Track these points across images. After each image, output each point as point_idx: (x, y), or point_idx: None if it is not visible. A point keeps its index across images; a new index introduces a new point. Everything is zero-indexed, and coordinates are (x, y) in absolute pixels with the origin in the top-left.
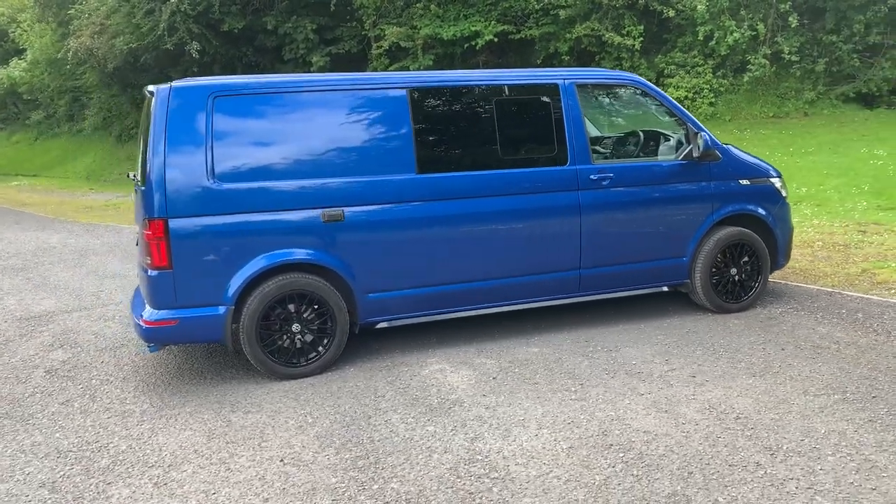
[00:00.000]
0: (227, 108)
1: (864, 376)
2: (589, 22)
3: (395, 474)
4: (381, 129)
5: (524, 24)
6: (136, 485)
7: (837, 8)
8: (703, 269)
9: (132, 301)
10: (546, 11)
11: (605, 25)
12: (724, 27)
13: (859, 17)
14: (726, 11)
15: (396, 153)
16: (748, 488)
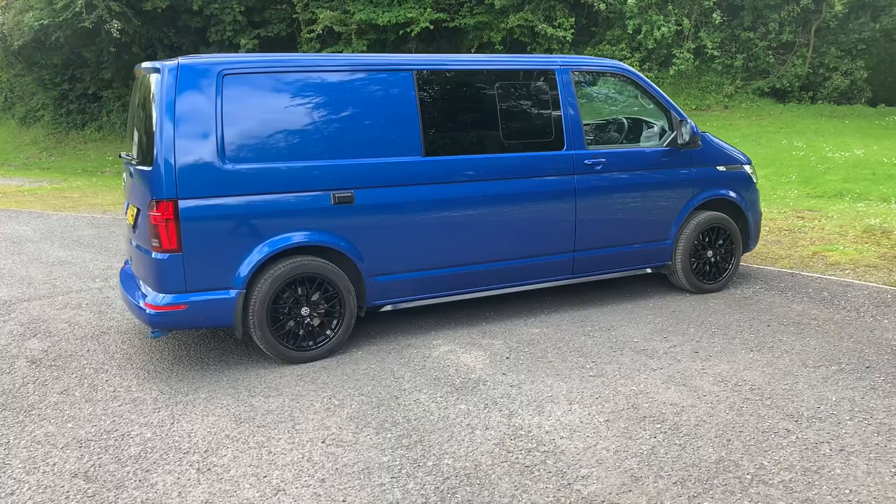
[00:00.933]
0: (237, 86)
1: (852, 349)
2: (522, 12)
3: (444, 451)
4: (389, 111)
5: (458, 12)
6: (178, 471)
7: (754, 6)
8: (684, 251)
9: (123, 285)
10: (480, 1)
11: (537, 16)
12: (652, 22)
13: (774, 15)
14: (654, 6)
15: (403, 135)
16: (787, 452)
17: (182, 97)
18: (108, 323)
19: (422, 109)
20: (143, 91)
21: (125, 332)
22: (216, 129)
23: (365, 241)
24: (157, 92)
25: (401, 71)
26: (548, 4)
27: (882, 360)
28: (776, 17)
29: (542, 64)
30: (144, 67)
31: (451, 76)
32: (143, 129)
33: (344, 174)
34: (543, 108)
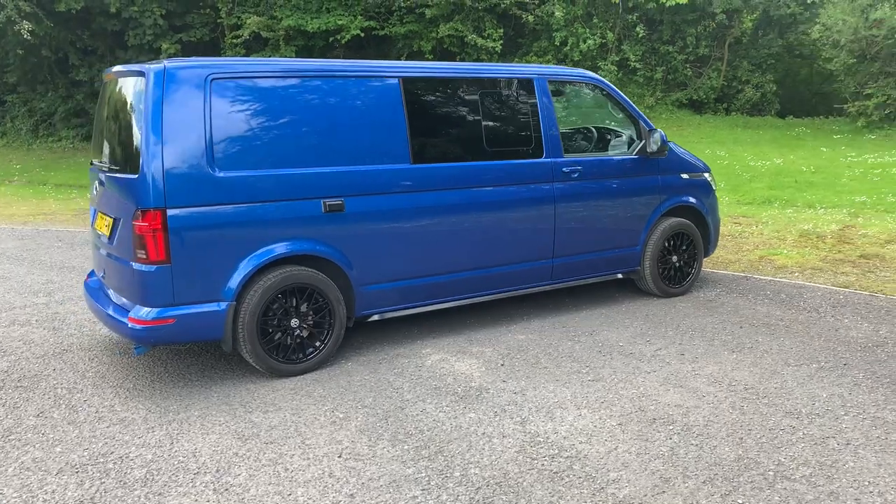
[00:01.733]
0: (225, 91)
1: (825, 348)
2: (452, 22)
3: (467, 461)
4: (377, 118)
5: (387, 20)
6: (194, 493)
7: (673, 21)
8: (652, 256)
9: (93, 299)
10: (411, 9)
11: (467, 27)
12: (578, 34)
13: (691, 30)
14: (579, 19)
15: (391, 142)
16: (799, 448)
17: (169, 102)
18: (68, 340)
19: (409, 116)
20: (120, 95)
21: (90, 349)
22: (205, 135)
23: (354, 249)
24: (141, 96)
25: (388, 78)
26: (477, 15)
27: (855, 357)
28: (693, 31)
29: (521, 73)
30: (120, 71)
31: (435, 84)
32: (121, 136)
33: (334, 182)
34: (523, 117)
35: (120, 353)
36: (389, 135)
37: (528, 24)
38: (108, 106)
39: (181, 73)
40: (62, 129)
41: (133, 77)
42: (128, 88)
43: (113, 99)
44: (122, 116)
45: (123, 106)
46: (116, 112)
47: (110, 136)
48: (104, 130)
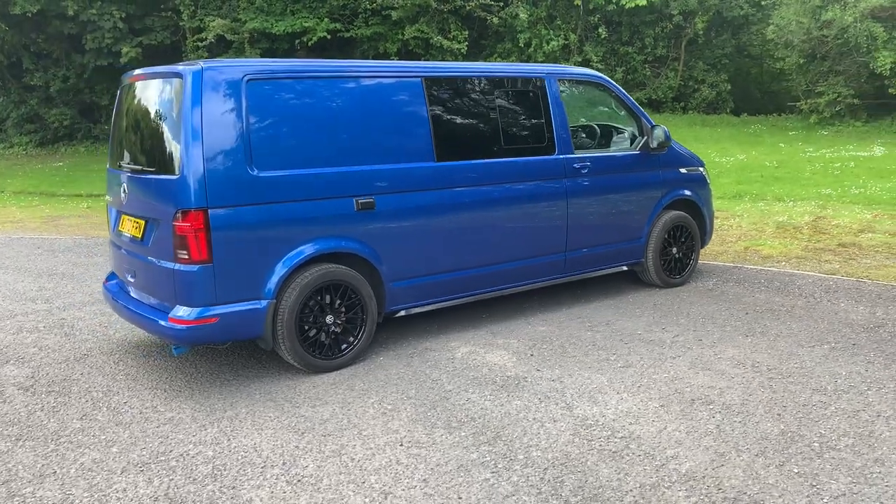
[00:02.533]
0: (261, 92)
1: (830, 330)
2: (418, 24)
3: (526, 444)
4: (403, 117)
5: (352, 22)
6: (268, 485)
7: (631, 23)
8: (655, 248)
9: (121, 302)
10: (376, 12)
11: (432, 28)
12: (542, 36)
13: (649, 31)
14: (542, 21)
15: (417, 141)
16: (835, 421)
17: (208, 102)
18: (85, 345)
19: (432, 115)
20: (150, 97)
21: (111, 353)
22: (243, 135)
23: (384, 246)
24: (177, 97)
25: (412, 77)
26: (441, 17)
27: (861, 337)
28: (651, 32)
29: (533, 72)
30: (148, 73)
31: (454, 83)
32: (155, 137)
33: (365, 180)
34: (536, 114)
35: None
36: (415, 133)
37: (493, 25)
38: (134, 108)
39: (218, 73)
40: (14, 135)
41: (166, 78)
42: (160, 90)
43: (140, 101)
44: (154, 118)
45: (155, 107)
46: (146, 114)
47: (139, 138)
48: (129, 133)
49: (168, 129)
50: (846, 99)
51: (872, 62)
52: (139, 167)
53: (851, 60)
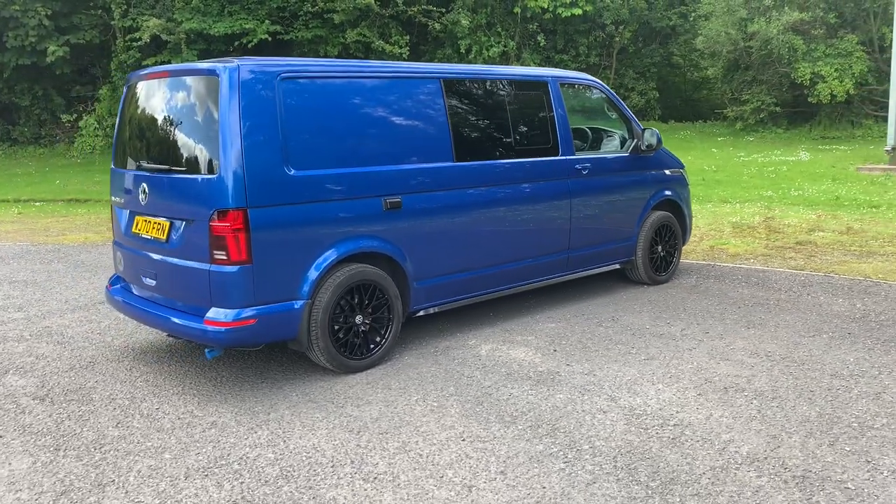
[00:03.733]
0: (294, 90)
1: (822, 321)
2: (359, 28)
3: (586, 435)
4: (425, 118)
5: (292, 25)
6: (346, 484)
7: (566, 31)
8: (644, 247)
9: (139, 306)
10: (317, 14)
11: (374, 33)
12: (482, 42)
13: (583, 40)
14: (482, 28)
15: (437, 141)
16: (864, 403)
17: (245, 101)
18: (84, 353)
19: (450, 116)
20: (178, 95)
21: (119, 360)
22: (278, 135)
23: (410, 246)
24: (211, 95)
25: (431, 78)
26: (382, 22)
27: (853, 327)
28: (585, 41)
29: (538, 75)
30: (175, 70)
31: (469, 84)
32: (187, 136)
33: (392, 180)
34: (542, 116)
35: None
36: (435, 134)
37: (434, 31)
38: (155, 107)
39: (254, 71)
40: None
41: (195, 76)
42: (188, 88)
43: (163, 99)
44: (182, 117)
45: (184, 106)
46: (173, 112)
47: (164, 137)
48: (149, 132)
49: (201, 127)
50: (769, 107)
51: (793, 72)
52: (165, 167)
53: (773, 71)
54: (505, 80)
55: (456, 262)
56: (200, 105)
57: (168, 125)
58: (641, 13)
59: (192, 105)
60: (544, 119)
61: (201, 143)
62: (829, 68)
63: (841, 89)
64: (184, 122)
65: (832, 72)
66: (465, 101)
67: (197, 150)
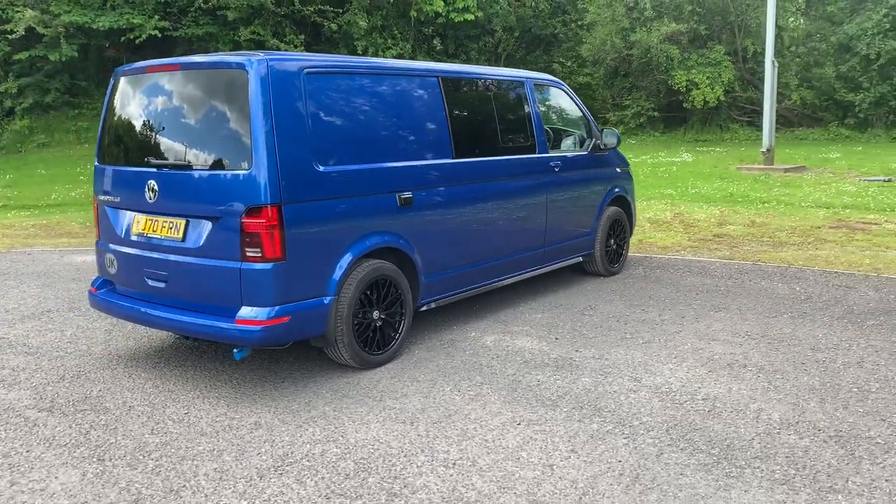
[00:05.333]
0: (317, 85)
1: (777, 303)
2: (253, 26)
3: (630, 413)
4: (429, 115)
5: (180, 21)
6: (428, 471)
7: (457, 36)
8: (602, 240)
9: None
10: (209, 11)
11: (267, 31)
12: (378, 44)
13: (473, 45)
14: (378, 29)
15: (439, 138)
16: (852, 371)
17: (275, 95)
18: (67, 362)
19: (449, 114)
20: (197, 89)
21: (110, 368)
22: (306, 130)
23: (419, 241)
24: (239, 89)
25: (432, 76)
26: (276, 20)
27: (805, 307)
28: (475, 46)
29: (517, 76)
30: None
31: (462, 83)
32: (212, 132)
33: (405, 175)
34: (522, 115)
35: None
36: (437, 131)
37: (329, 31)
38: (163, 102)
39: (282, 65)
40: None
41: (219, 69)
42: (210, 81)
43: (177, 93)
44: (204, 111)
45: (206, 100)
46: (191, 107)
47: (177, 132)
48: (158, 128)
49: (227, 122)
50: (648, 112)
51: (670, 80)
52: (182, 163)
53: (652, 78)
54: (490, 80)
55: (457, 256)
56: (225, 99)
57: (183, 120)
58: (527, 20)
59: (215, 99)
60: (523, 118)
61: (228, 139)
62: (702, 76)
63: (712, 96)
64: (204, 116)
65: (705, 79)
66: (459, 99)
67: (222, 146)
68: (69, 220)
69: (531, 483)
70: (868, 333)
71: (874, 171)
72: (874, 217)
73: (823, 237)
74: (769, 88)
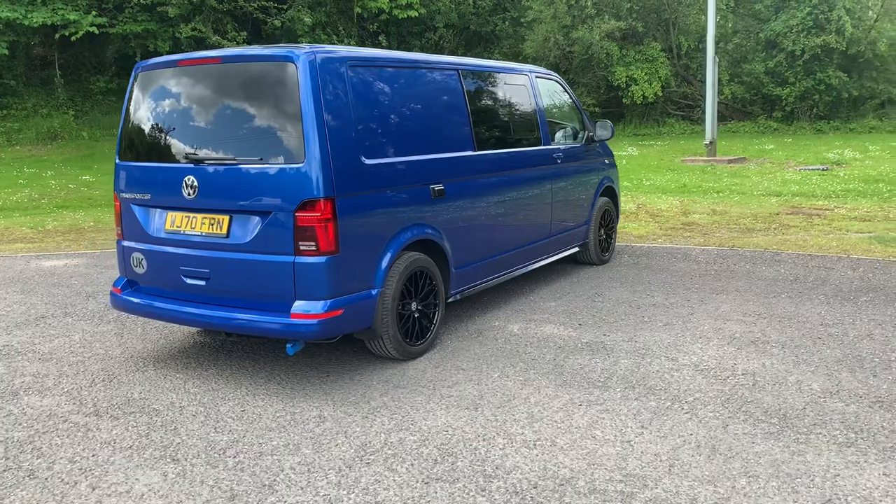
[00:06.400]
0: (359, 78)
1: (769, 284)
2: (194, 23)
3: (681, 390)
4: (453, 108)
5: (116, 17)
6: (514, 453)
7: (399, 32)
8: (595, 230)
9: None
10: (147, 7)
11: (208, 28)
12: (322, 40)
13: (416, 41)
14: (321, 26)
15: (462, 131)
16: (866, 343)
17: (325, 87)
18: (90, 367)
19: (469, 106)
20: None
21: (141, 371)
22: (353, 122)
23: (451, 233)
24: (293, 83)
25: (453, 70)
26: (216, 17)
27: (796, 287)
28: (418, 43)
29: (521, 70)
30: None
31: (477, 77)
32: (261, 125)
33: (437, 168)
34: (529, 108)
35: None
36: (460, 123)
37: (270, 28)
38: (203, 95)
39: (329, 58)
40: None
41: (264, 62)
42: (255, 74)
43: (218, 87)
44: (250, 104)
45: (251, 93)
46: (236, 100)
47: (221, 127)
48: (194, 122)
49: (276, 116)
50: (589, 107)
51: (610, 76)
52: (228, 158)
53: (593, 74)
54: (502, 73)
55: (481, 247)
56: (272, 92)
57: (227, 114)
58: (468, 17)
59: (261, 92)
60: (530, 110)
61: (276, 132)
62: (641, 72)
63: (650, 91)
64: (250, 110)
65: (643, 75)
66: (476, 92)
67: (271, 140)
68: (17, 226)
69: (616, 458)
70: (865, 309)
71: (810, 161)
72: (823, 203)
73: (786, 223)
74: (710, 83)
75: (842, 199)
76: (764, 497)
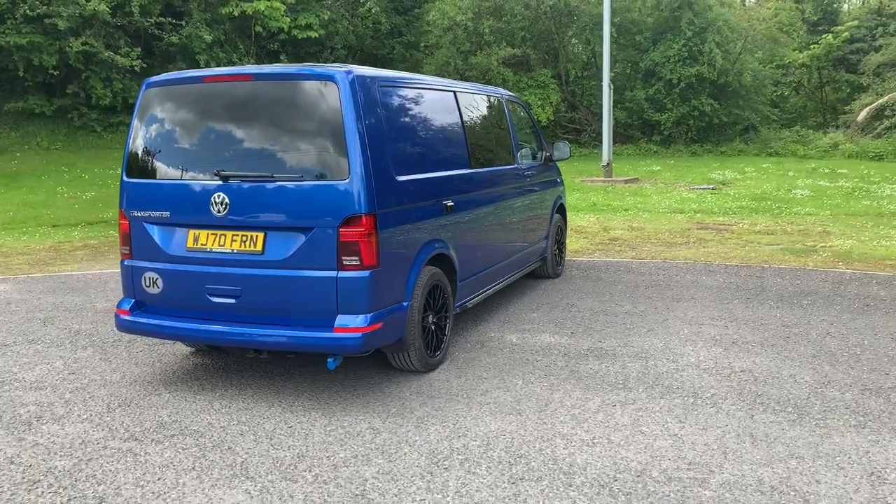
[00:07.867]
0: (388, 99)
1: (719, 292)
2: (84, 37)
3: (702, 386)
4: (454, 127)
5: None
6: (578, 451)
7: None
8: (552, 245)
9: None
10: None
11: (101, 42)
12: (219, 58)
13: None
14: (219, 43)
15: (460, 149)
16: (856, 338)
17: (365, 106)
18: (99, 392)
19: (464, 126)
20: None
21: (156, 394)
22: (386, 140)
23: (457, 246)
24: (334, 101)
25: (448, 91)
26: (108, 31)
27: (744, 294)
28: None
29: (497, 93)
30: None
31: (468, 98)
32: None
33: (447, 184)
34: (505, 128)
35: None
36: (459, 142)
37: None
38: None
39: (365, 78)
40: None
41: (303, 80)
42: (293, 93)
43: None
44: (288, 122)
45: (289, 111)
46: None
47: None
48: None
49: (318, 133)
50: None
51: None
52: (265, 175)
53: None
54: (484, 95)
55: (478, 261)
56: (312, 110)
57: (260, 131)
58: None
59: (299, 110)
60: (506, 130)
61: (316, 149)
62: (534, 97)
63: (543, 116)
64: (287, 127)
65: (536, 100)
66: (467, 112)
67: (311, 157)
68: None
69: (673, 450)
70: (811, 311)
71: (697, 181)
72: (724, 220)
73: (701, 237)
74: (606, 109)
75: (739, 216)
76: (818, 473)
